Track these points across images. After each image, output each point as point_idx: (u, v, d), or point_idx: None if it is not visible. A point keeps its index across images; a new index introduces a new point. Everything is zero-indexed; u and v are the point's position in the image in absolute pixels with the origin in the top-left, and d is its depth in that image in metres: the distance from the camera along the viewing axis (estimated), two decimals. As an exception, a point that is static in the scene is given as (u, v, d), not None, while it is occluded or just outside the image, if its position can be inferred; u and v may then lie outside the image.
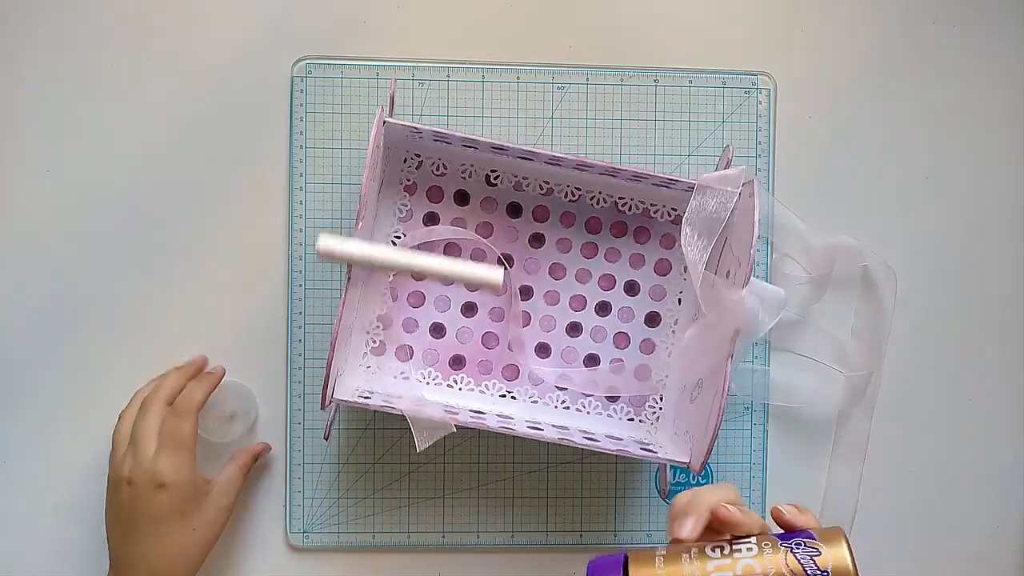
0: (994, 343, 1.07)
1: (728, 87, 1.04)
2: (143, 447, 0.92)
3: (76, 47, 1.00)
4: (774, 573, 0.69)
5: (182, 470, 0.92)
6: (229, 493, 0.97)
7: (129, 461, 0.92)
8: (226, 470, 0.98)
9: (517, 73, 1.03)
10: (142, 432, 0.92)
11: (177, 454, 0.92)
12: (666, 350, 1.01)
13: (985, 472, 1.07)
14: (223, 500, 0.96)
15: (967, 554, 1.06)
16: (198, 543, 0.94)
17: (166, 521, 0.92)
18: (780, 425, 1.05)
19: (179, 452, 0.92)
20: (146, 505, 0.91)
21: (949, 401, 1.07)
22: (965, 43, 1.06)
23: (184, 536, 0.93)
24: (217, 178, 1.02)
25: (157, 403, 0.94)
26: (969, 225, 1.07)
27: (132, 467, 0.92)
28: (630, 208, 1.00)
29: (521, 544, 1.04)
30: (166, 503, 0.91)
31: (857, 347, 1.05)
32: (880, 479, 1.05)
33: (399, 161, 0.99)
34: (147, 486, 0.91)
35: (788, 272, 1.04)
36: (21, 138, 1.00)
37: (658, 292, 1.01)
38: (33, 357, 1.01)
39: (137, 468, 0.91)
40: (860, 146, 1.06)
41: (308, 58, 1.01)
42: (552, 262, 1.01)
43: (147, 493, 0.91)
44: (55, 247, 1.01)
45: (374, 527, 1.03)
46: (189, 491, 0.93)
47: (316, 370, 1.02)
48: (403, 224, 0.99)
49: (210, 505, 0.95)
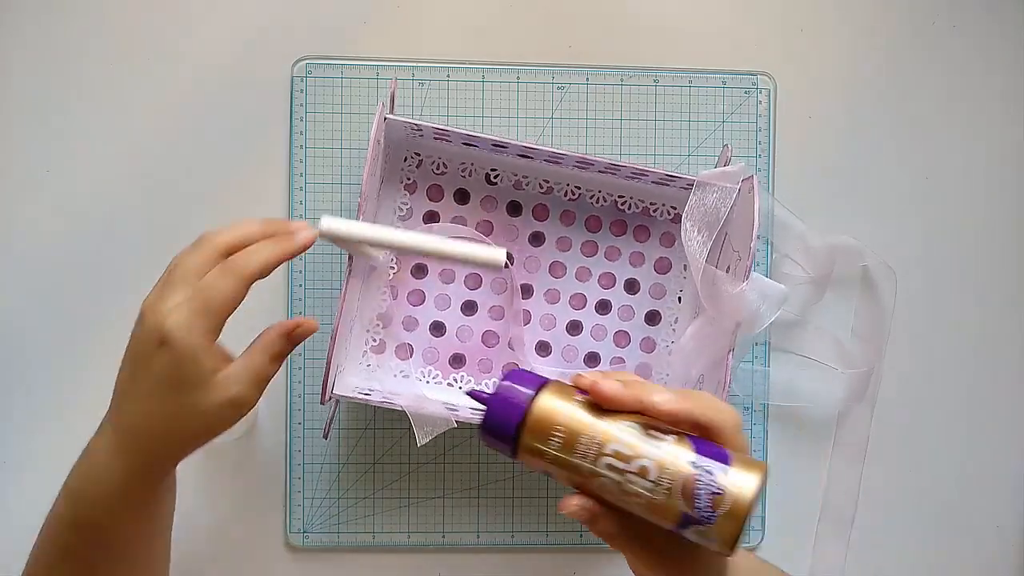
0: (994, 342, 1.07)
1: (728, 87, 1.04)
2: (168, 290, 0.76)
3: (76, 47, 1.01)
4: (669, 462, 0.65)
5: (192, 334, 0.74)
6: (244, 383, 0.77)
7: (152, 296, 0.77)
8: (246, 353, 0.80)
9: (517, 73, 1.03)
10: (178, 272, 0.77)
11: (197, 315, 0.74)
12: (666, 348, 1.01)
13: (985, 472, 1.07)
14: (233, 389, 0.76)
15: (967, 554, 1.06)
16: (187, 429, 0.77)
17: (156, 382, 0.75)
18: (780, 425, 1.05)
19: (201, 314, 0.74)
20: (144, 354, 0.76)
21: (949, 401, 1.07)
22: (965, 43, 1.06)
23: (173, 409, 0.76)
24: (217, 178, 1.02)
25: (211, 247, 0.78)
26: (969, 225, 1.07)
27: (148, 304, 0.77)
28: (630, 206, 1.00)
29: (521, 544, 1.04)
30: (160, 364, 0.74)
31: (857, 347, 1.05)
32: (880, 479, 1.05)
33: (399, 160, 0.99)
34: (149, 334, 0.75)
35: (788, 272, 1.04)
36: (21, 138, 1.00)
37: (658, 290, 1.01)
38: (33, 357, 1.01)
39: (150, 309, 0.76)
40: (860, 146, 1.06)
41: (308, 58, 1.01)
42: (552, 260, 1.01)
43: (147, 341, 0.75)
44: (55, 247, 1.01)
45: (374, 527, 1.03)
46: (190, 363, 0.74)
47: (316, 370, 1.02)
48: (403, 223, 0.99)
49: (214, 391, 0.75)
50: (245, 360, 0.78)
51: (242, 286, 0.76)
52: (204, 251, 0.77)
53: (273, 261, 0.77)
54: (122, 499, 0.77)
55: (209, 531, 1.02)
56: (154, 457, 0.78)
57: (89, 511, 0.78)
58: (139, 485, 0.78)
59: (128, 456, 0.77)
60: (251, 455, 1.02)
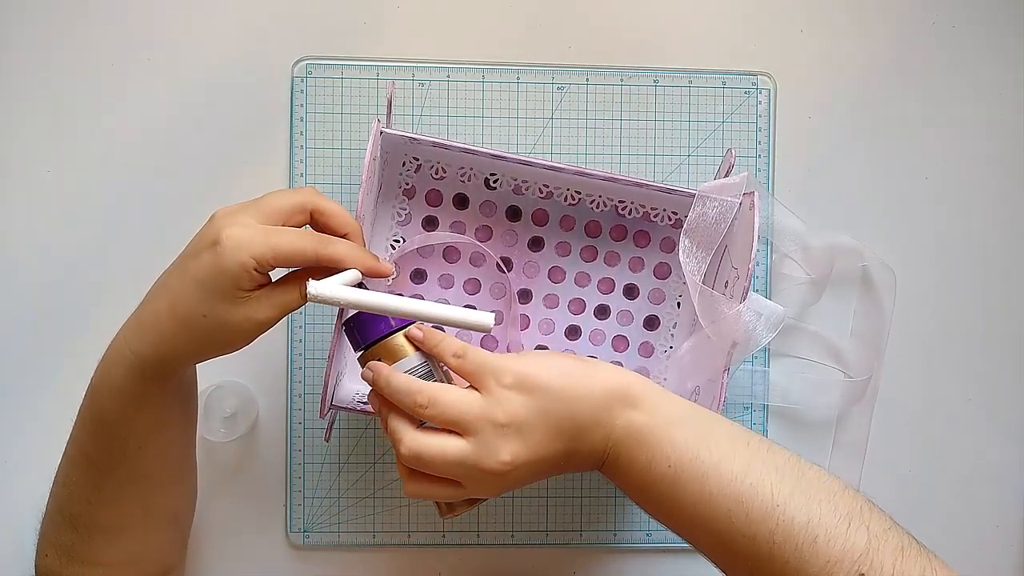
0: (994, 342, 1.07)
1: (728, 87, 1.04)
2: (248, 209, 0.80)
3: (76, 47, 1.00)
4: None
5: (243, 252, 0.76)
6: (270, 308, 0.80)
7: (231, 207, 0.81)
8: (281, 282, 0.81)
9: (517, 73, 1.03)
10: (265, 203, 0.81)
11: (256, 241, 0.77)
12: (664, 354, 1.01)
13: (985, 472, 1.07)
14: (261, 313, 0.79)
15: (967, 554, 1.07)
16: (205, 334, 0.79)
17: (193, 280, 0.78)
18: (780, 425, 1.05)
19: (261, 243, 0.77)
20: (195, 249, 0.80)
21: (949, 401, 1.07)
22: (965, 43, 1.06)
23: (199, 310, 0.78)
24: (217, 178, 1.02)
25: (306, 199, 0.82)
26: (969, 225, 1.07)
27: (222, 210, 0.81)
28: (630, 212, 1.00)
29: (521, 544, 1.04)
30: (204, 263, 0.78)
31: (856, 347, 1.05)
32: (880, 479, 1.05)
33: (398, 165, 0.99)
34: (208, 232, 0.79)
35: (787, 273, 1.04)
36: (21, 138, 1.00)
37: (657, 296, 1.01)
38: (33, 357, 1.01)
39: (222, 213, 0.81)
40: (860, 146, 1.05)
41: (308, 58, 1.01)
42: (551, 266, 1.01)
43: (203, 238, 0.79)
44: (55, 247, 1.01)
45: (374, 526, 1.03)
46: (229, 276, 0.77)
47: (316, 369, 1.02)
48: (402, 228, 0.99)
49: (243, 308, 0.78)
50: (279, 290, 0.80)
51: (311, 257, 0.79)
52: (298, 199, 0.81)
53: (350, 262, 0.80)
54: (129, 393, 0.81)
55: (210, 530, 1.02)
56: (166, 353, 0.80)
57: (98, 404, 0.83)
58: (146, 380, 0.81)
59: (141, 347, 0.80)
60: (251, 455, 1.03)
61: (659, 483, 0.74)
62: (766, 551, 0.70)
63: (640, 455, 0.75)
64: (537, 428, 0.75)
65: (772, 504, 0.71)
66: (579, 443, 0.76)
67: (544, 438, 0.75)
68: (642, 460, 0.75)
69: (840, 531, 0.70)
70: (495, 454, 0.74)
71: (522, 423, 0.75)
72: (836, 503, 0.71)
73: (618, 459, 0.76)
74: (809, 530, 0.70)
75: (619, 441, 0.75)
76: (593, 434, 0.76)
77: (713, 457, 0.73)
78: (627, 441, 0.75)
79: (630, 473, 0.76)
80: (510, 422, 0.74)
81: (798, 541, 0.70)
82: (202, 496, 1.01)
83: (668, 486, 0.74)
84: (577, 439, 0.76)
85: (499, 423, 0.74)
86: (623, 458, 0.76)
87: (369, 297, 0.78)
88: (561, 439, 0.76)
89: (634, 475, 0.76)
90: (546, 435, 0.75)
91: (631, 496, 0.78)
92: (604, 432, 0.76)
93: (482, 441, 0.74)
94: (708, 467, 0.73)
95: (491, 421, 0.74)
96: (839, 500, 0.72)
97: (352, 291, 0.78)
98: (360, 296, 0.78)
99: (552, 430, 0.75)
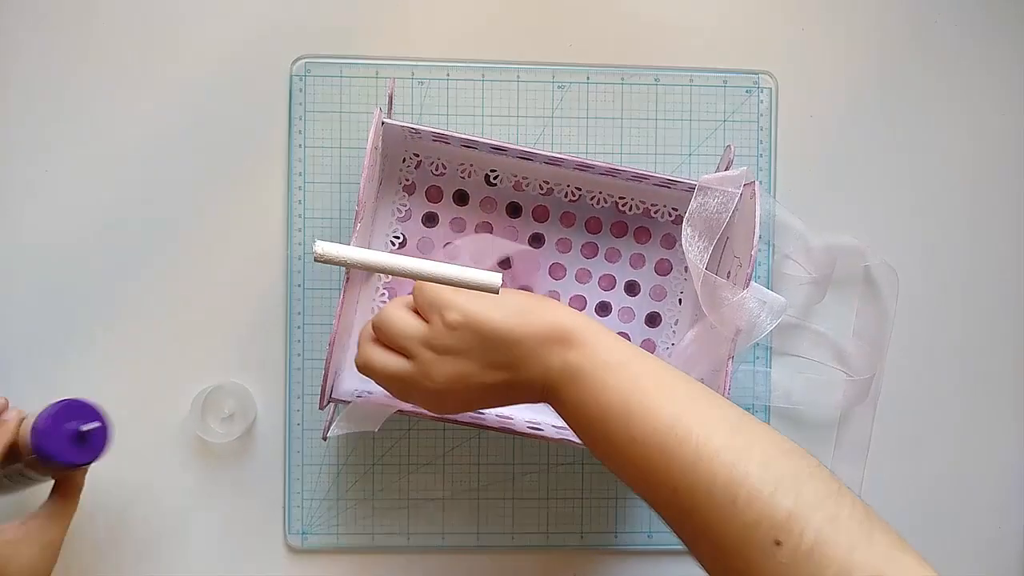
0: (996, 342, 1.07)
1: (729, 86, 1.04)
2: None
3: (75, 47, 1.00)
4: None
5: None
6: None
7: None
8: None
9: (517, 73, 1.02)
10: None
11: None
12: (666, 350, 1.01)
13: (987, 472, 1.07)
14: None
15: (969, 555, 1.06)
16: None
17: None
18: (782, 425, 1.05)
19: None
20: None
21: (951, 401, 1.07)
22: (966, 43, 1.06)
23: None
24: (216, 178, 1.01)
25: None
26: (970, 224, 1.06)
27: None
28: (630, 208, 1.00)
29: (521, 545, 1.04)
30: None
31: (859, 347, 1.05)
32: (882, 479, 1.05)
33: (398, 161, 0.98)
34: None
35: (789, 273, 1.04)
36: (21, 138, 1.00)
37: (658, 292, 1.01)
38: (31, 358, 1.00)
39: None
40: (861, 146, 1.05)
41: (308, 58, 1.01)
42: (552, 262, 1.00)
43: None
44: (54, 248, 1.00)
45: (374, 528, 1.03)
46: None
47: (315, 370, 1.01)
48: (402, 224, 0.99)
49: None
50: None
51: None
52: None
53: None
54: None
55: (209, 531, 1.02)
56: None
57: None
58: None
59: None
60: (251, 455, 1.02)
61: (592, 424, 0.76)
62: (687, 505, 0.69)
63: (573, 394, 0.76)
64: (473, 359, 0.79)
65: (695, 458, 0.69)
66: (516, 375, 0.79)
67: (478, 368, 0.79)
68: (575, 399, 0.76)
69: (763, 495, 0.66)
70: (429, 377, 0.80)
71: (457, 354, 0.79)
72: (770, 466, 0.68)
73: (556, 396, 0.78)
74: (729, 490, 0.67)
75: (556, 379, 0.77)
76: (529, 370, 0.78)
77: (642, 405, 0.73)
78: (563, 380, 0.77)
79: (565, 411, 0.78)
80: (446, 352, 0.79)
81: (717, 500, 0.68)
82: (199, 497, 1.01)
83: (599, 428, 0.75)
84: (514, 371, 0.79)
85: (436, 351, 0.79)
86: (561, 396, 0.77)
87: (375, 256, 0.78)
88: (498, 371, 0.79)
89: (569, 413, 0.78)
90: (480, 366, 0.79)
91: (574, 432, 0.80)
92: (541, 369, 0.78)
93: (418, 363, 0.80)
94: (635, 414, 0.73)
95: (430, 348, 0.80)
96: (776, 463, 0.69)
97: (358, 250, 0.78)
98: (366, 255, 0.78)
99: (488, 362, 0.79)
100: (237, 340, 1.02)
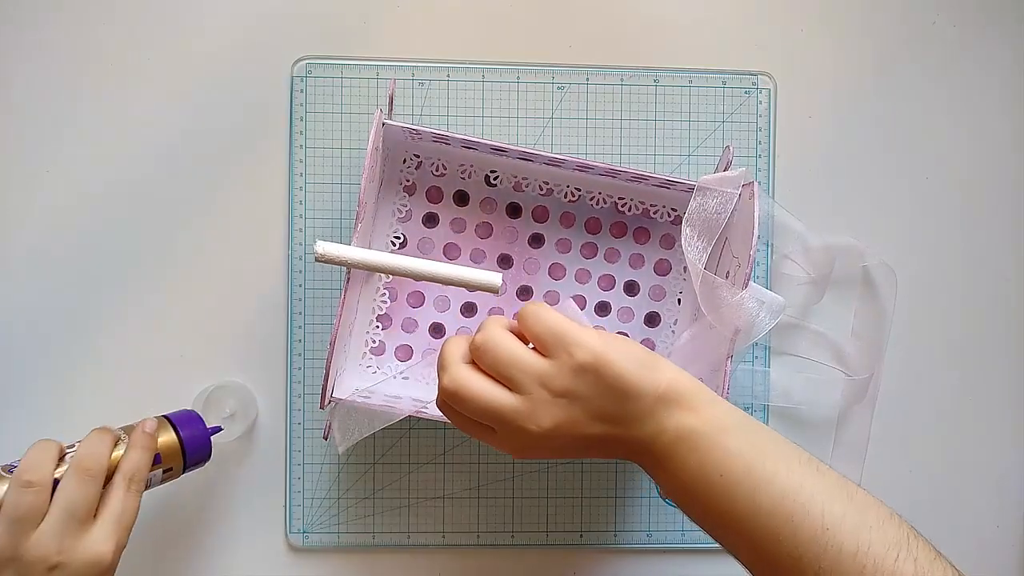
0: (994, 342, 1.07)
1: (728, 87, 1.04)
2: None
3: (76, 47, 1.00)
4: None
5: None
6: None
7: None
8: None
9: (517, 73, 1.03)
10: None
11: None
12: (666, 350, 1.01)
13: (985, 472, 1.07)
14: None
15: (967, 554, 1.06)
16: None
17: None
18: (780, 425, 1.05)
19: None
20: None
21: (949, 401, 1.07)
22: (965, 43, 1.06)
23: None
24: (217, 178, 1.02)
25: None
26: (969, 225, 1.07)
27: None
28: (630, 208, 1.00)
29: (521, 544, 1.04)
30: None
31: (857, 347, 1.05)
32: (881, 479, 1.05)
33: (398, 162, 0.99)
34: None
35: (788, 273, 1.04)
36: (21, 138, 1.00)
37: (658, 292, 1.01)
38: (32, 358, 1.01)
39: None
40: (860, 146, 1.06)
41: (308, 58, 1.01)
42: (552, 262, 1.01)
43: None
44: (54, 247, 1.01)
45: (374, 527, 1.03)
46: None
47: (316, 370, 1.02)
48: (402, 224, 0.99)
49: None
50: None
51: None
52: None
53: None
54: None
55: (209, 531, 1.02)
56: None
57: None
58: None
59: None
60: (251, 455, 1.02)
61: (709, 491, 0.72)
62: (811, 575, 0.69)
63: (691, 460, 0.73)
64: (585, 407, 0.73)
65: (822, 527, 0.69)
66: (624, 430, 0.74)
67: (586, 417, 0.73)
68: (692, 465, 0.73)
69: (888, 562, 0.68)
70: (534, 419, 0.72)
71: (573, 399, 0.72)
72: (884, 530, 0.70)
73: (668, 460, 0.74)
74: (857, 560, 0.68)
75: (669, 442, 0.73)
76: (641, 428, 0.73)
77: (766, 472, 0.71)
78: (678, 443, 0.73)
79: (679, 477, 0.74)
80: (563, 395, 0.72)
81: (845, 569, 0.68)
82: (201, 496, 1.02)
83: (717, 495, 0.72)
84: (623, 426, 0.74)
85: (552, 392, 0.72)
86: (673, 461, 0.74)
87: (376, 257, 0.78)
88: (606, 423, 0.73)
89: (683, 479, 0.74)
90: (589, 415, 0.73)
91: (674, 497, 0.76)
92: (654, 429, 0.73)
93: (527, 401, 0.72)
94: (760, 481, 0.71)
95: (545, 387, 0.72)
96: (887, 527, 0.70)
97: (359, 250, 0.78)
98: (367, 255, 0.78)
99: (598, 412, 0.73)
100: (238, 340, 1.02)
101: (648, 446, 0.74)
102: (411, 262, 0.78)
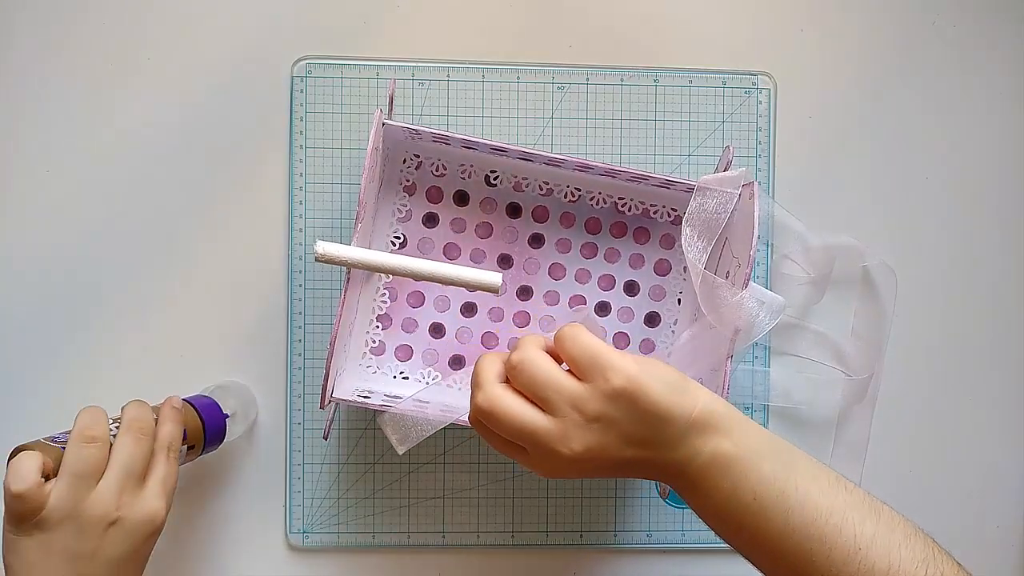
0: (994, 342, 1.07)
1: (728, 87, 1.04)
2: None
3: (75, 47, 1.00)
4: None
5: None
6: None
7: None
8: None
9: (517, 73, 1.03)
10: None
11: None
12: (666, 350, 1.01)
13: (985, 472, 1.07)
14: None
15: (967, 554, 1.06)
16: None
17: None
18: (780, 425, 1.05)
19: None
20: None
21: (949, 401, 1.07)
22: (965, 43, 1.06)
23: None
24: (217, 178, 1.02)
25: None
26: (969, 225, 1.07)
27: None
28: (630, 208, 1.00)
29: (521, 544, 1.04)
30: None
31: (857, 347, 1.05)
32: (881, 479, 1.05)
33: (398, 162, 0.99)
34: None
35: (788, 273, 1.04)
36: (21, 138, 1.00)
37: (658, 292, 1.01)
38: (32, 357, 1.01)
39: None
40: (860, 146, 1.05)
41: (308, 58, 1.01)
42: (552, 262, 1.01)
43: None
44: (54, 247, 1.01)
45: (374, 527, 1.03)
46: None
47: (316, 370, 1.02)
48: (402, 224, 0.99)
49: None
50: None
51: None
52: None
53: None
54: None
55: (209, 531, 1.02)
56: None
57: None
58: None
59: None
60: (251, 455, 1.02)
61: (742, 514, 0.73)
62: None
63: (724, 483, 0.73)
64: (617, 431, 0.73)
65: (855, 547, 0.71)
66: (657, 454, 0.74)
67: (618, 442, 0.73)
68: (726, 488, 0.73)
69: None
70: (570, 441, 0.72)
71: (606, 423, 0.73)
72: (912, 547, 0.72)
73: (701, 483, 0.74)
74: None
75: (703, 466, 0.74)
76: (674, 452, 0.74)
77: (799, 493, 0.72)
78: (713, 467, 0.73)
79: (712, 499, 0.74)
80: (596, 419, 0.72)
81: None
82: (201, 496, 1.02)
83: (751, 518, 0.73)
84: (656, 450, 0.74)
85: (585, 416, 0.72)
86: (706, 483, 0.74)
87: (376, 257, 0.78)
88: (639, 447, 0.74)
89: (716, 502, 0.74)
90: (622, 440, 0.73)
91: (707, 520, 0.77)
92: (688, 453, 0.74)
93: (560, 424, 0.72)
94: (793, 503, 0.72)
95: (578, 410, 0.72)
96: (914, 544, 0.72)
97: (359, 250, 0.78)
98: (367, 255, 0.78)
99: (631, 437, 0.73)
100: (238, 339, 1.02)
101: (682, 469, 0.74)
102: (411, 262, 0.78)
